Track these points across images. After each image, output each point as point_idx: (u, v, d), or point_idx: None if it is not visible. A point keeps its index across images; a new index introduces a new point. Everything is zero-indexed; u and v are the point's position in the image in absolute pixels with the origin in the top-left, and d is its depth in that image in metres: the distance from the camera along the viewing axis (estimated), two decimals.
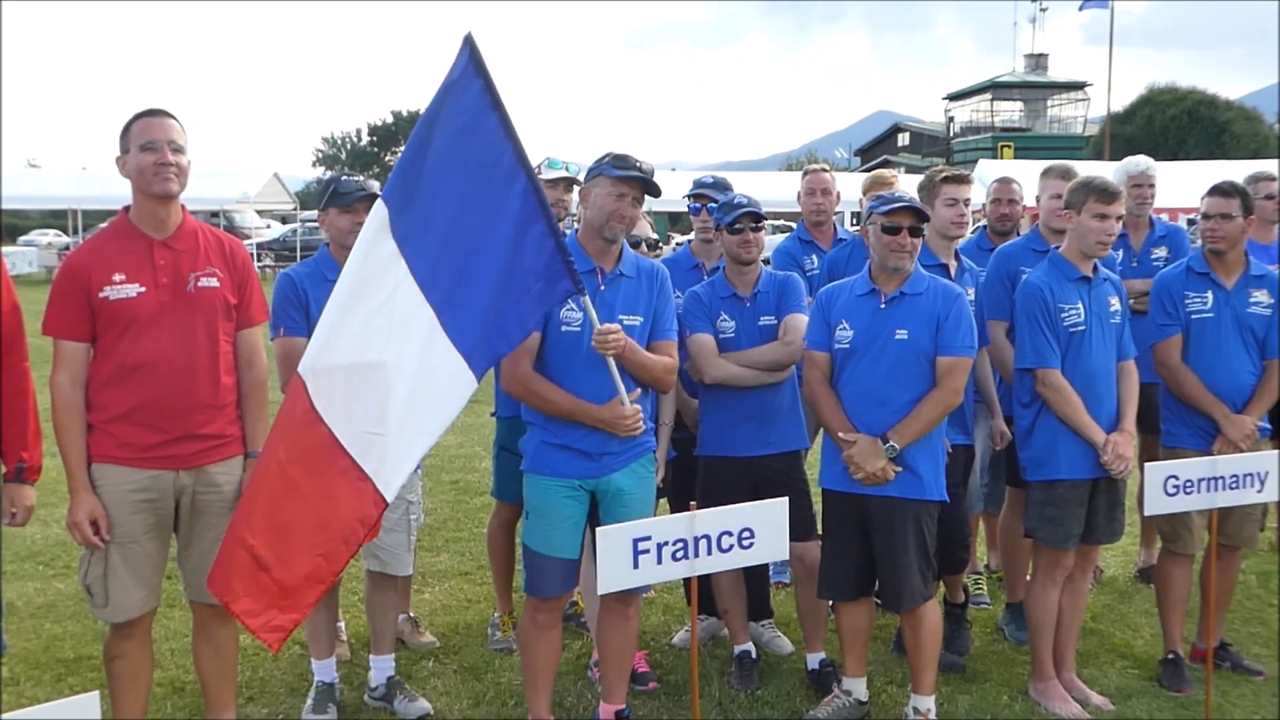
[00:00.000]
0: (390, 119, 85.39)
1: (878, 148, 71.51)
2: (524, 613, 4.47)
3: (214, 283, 4.07)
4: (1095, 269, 4.90)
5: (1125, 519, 5.07)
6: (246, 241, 32.56)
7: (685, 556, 3.75)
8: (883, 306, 4.51)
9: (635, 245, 5.06)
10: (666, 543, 3.71)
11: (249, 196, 33.96)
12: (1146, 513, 4.70)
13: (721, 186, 5.47)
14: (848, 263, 5.74)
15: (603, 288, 4.31)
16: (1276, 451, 4.83)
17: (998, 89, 57.92)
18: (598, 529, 3.67)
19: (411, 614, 5.70)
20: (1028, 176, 7.05)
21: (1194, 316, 5.14)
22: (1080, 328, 4.79)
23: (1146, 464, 4.67)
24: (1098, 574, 6.63)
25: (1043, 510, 4.87)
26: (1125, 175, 6.34)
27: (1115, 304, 4.91)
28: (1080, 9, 37.18)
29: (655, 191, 4.32)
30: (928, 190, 5.29)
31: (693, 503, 3.84)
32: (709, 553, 3.78)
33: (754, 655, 5.24)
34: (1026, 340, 4.83)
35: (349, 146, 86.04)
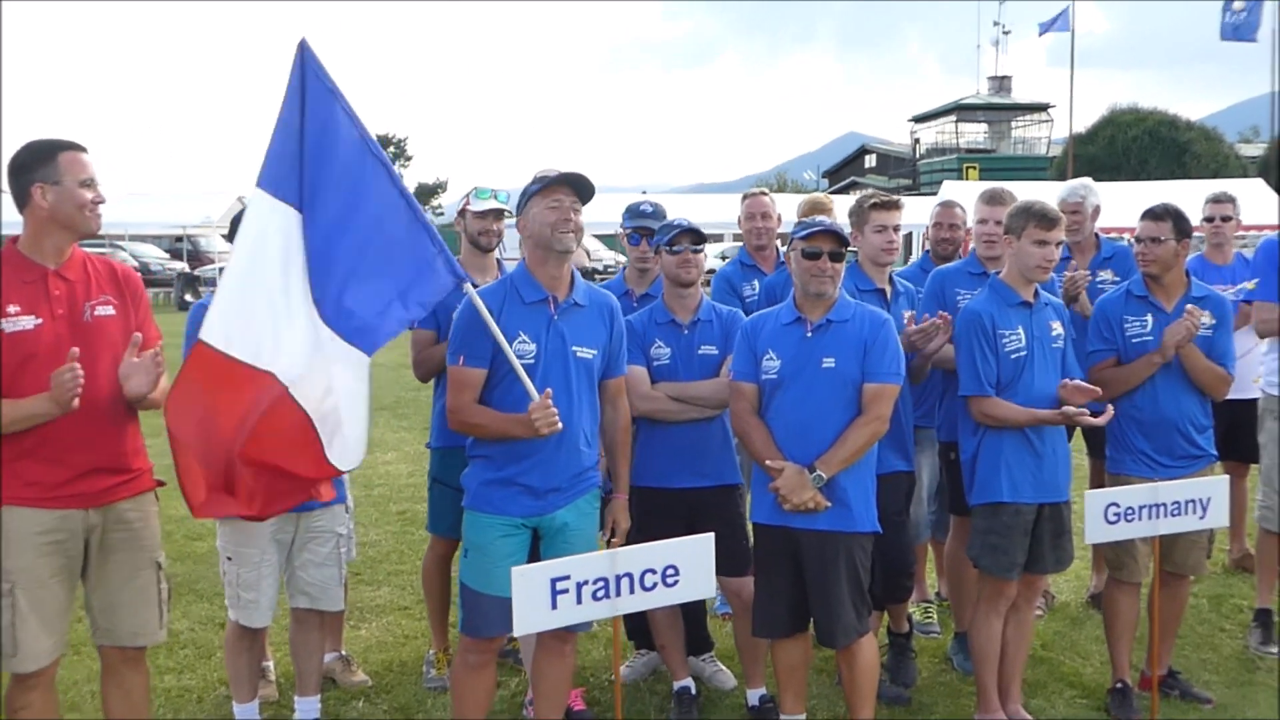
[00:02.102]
0: None
1: (845, 169, 71.90)
2: (458, 653, 4.34)
3: (110, 310, 3.95)
4: (1036, 294, 4.82)
5: (1073, 548, 4.98)
6: (209, 267, 32.33)
7: (606, 596, 3.62)
8: (809, 335, 4.41)
9: None
10: (586, 581, 3.59)
11: (211, 220, 33.68)
12: (1087, 541, 4.62)
13: (659, 214, 5.37)
14: (786, 287, 5.63)
15: (556, 316, 4.20)
16: (1218, 479, 4.76)
17: (962, 111, 58.38)
18: (513, 569, 3.54)
19: (344, 651, 5.53)
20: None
21: (1134, 340, 5.06)
22: (1022, 354, 4.71)
23: (1087, 492, 4.60)
24: (1050, 600, 6.54)
25: (985, 538, 4.77)
26: (1059, 201, 6.30)
27: (1057, 329, 4.83)
28: (1040, 34, 37.49)
29: (588, 190, 4.21)
30: (857, 216, 5.21)
31: (614, 539, 3.72)
32: (631, 591, 3.66)
33: (693, 691, 5.10)
34: (966, 367, 4.74)
35: None
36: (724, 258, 36.25)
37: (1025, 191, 5.80)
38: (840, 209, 6.23)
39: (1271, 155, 37.85)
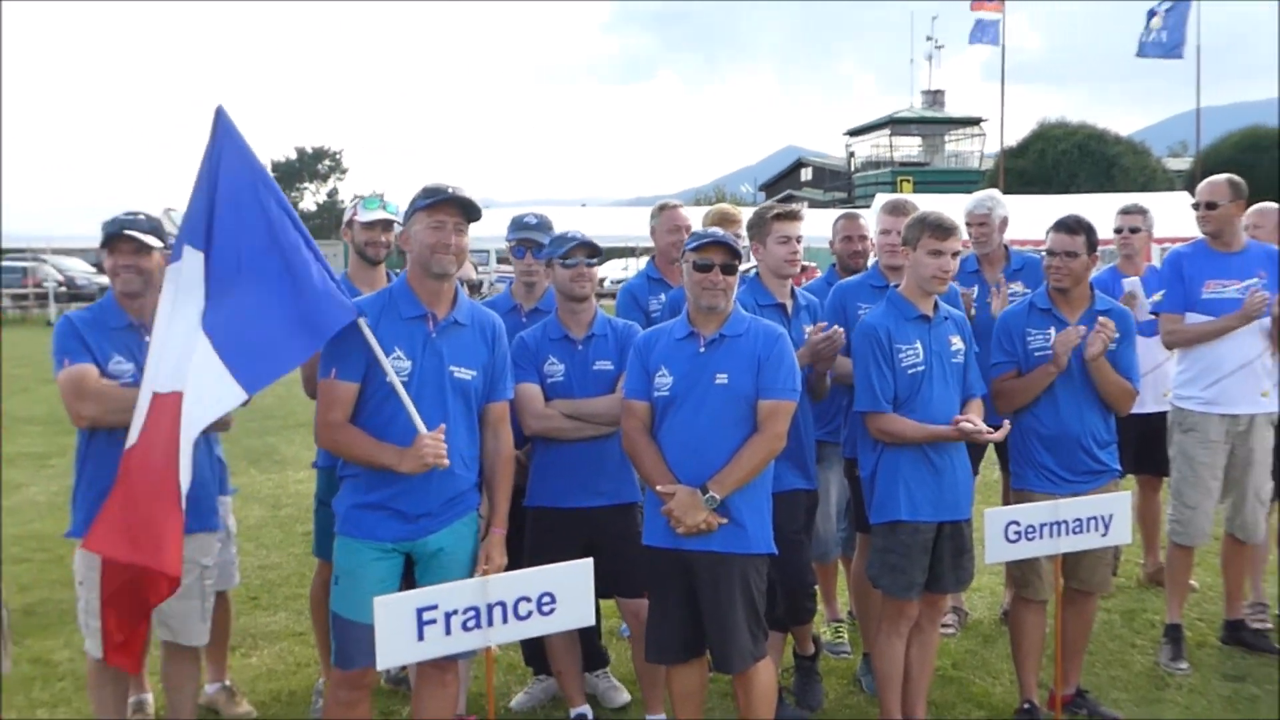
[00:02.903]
0: (294, 155, 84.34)
1: (781, 182, 72.23)
2: (329, 688, 4.14)
3: None
4: (936, 307, 4.72)
5: (973, 566, 4.88)
6: None
7: (478, 626, 3.45)
8: (702, 350, 4.26)
9: None
10: (456, 611, 3.42)
11: None
12: (988, 561, 4.52)
13: (545, 226, 5.21)
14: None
15: (434, 334, 4.04)
16: (1119, 495, 4.68)
17: (896, 124, 58.90)
18: (375, 599, 3.34)
19: (228, 682, 5.30)
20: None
21: (1036, 354, 4.98)
22: (920, 368, 4.61)
23: (987, 510, 4.50)
24: (963, 616, 6.45)
25: (885, 557, 4.66)
26: (966, 213, 6.24)
27: (957, 343, 4.73)
28: (970, 44, 37.85)
29: (474, 214, 4.06)
30: (759, 228, 5.07)
31: (484, 567, 3.54)
32: (505, 620, 3.49)
33: (590, 718, 4.93)
34: (862, 383, 4.63)
35: None
36: None
37: (958, 205, 5.70)
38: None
39: (1197, 169, 38.50)
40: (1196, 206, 5.87)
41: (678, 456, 4.22)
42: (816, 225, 6.01)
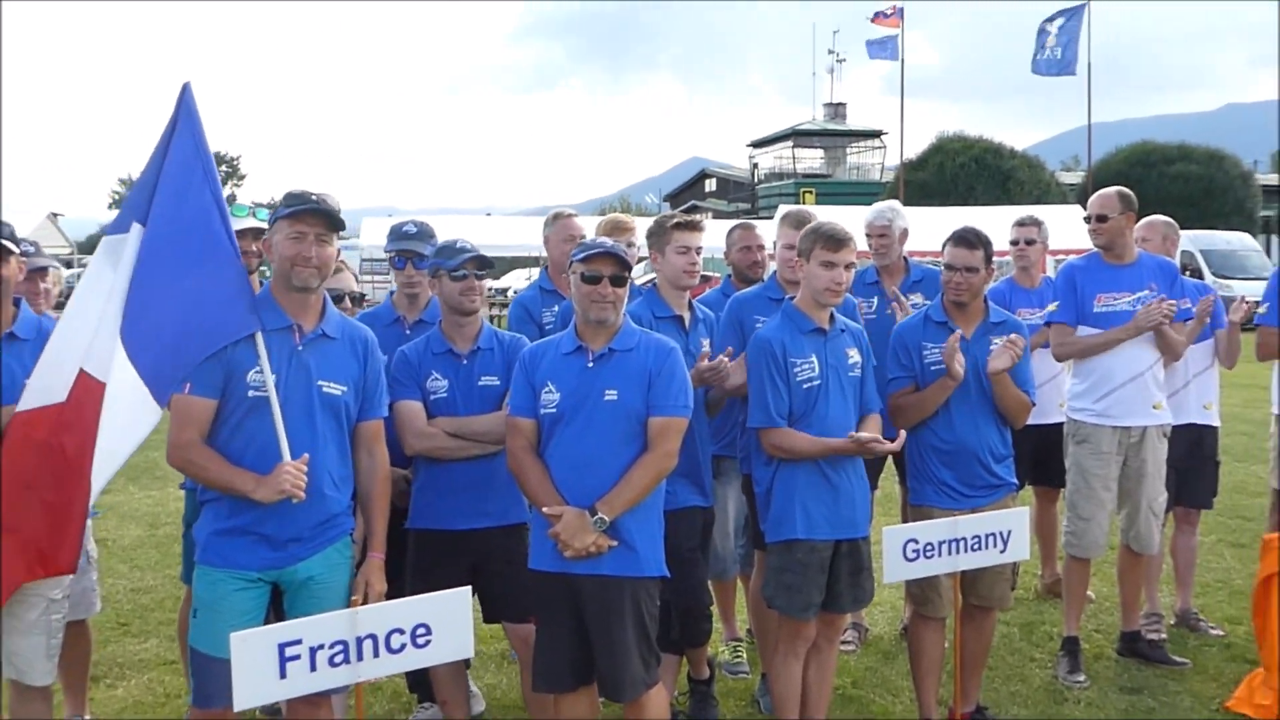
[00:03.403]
0: None
1: (686, 193, 72.46)
2: None
3: None
4: (832, 319, 4.60)
5: (873, 584, 4.77)
6: None
7: (346, 661, 3.22)
8: (590, 365, 4.08)
9: (338, 300, 4.54)
10: (322, 646, 3.19)
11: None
12: (886, 580, 4.41)
13: (425, 235, 4.99)
14: None
15: (300, 348, 3.82)
16: (1017, 510, 4.61)
17: (799, 136, 59.38)
18: (232, 635, 3.10)
19: (87, 717, 4.97)
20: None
21: (933, 368, 4.89)
22: (815, 383, 4.48)
23: (885, 529, 4.39)
24: (863, 633, 6.36)
25: (780, 577, 4.51)
26: (866, 224, 6.16)
27: (854, 356, 4.61)
28: (870, 58, 38.31)
29: (337, 225, 3.85)
30: (658, 237, 4.92)
31: (355, 598, 3.31)
32: (376, 654, 3.26)
33: None
34: (756, 398, 4.49)
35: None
36: None
37: (860, 217, 5.62)
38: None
39: (1088, 183, 39.40)
40: (1088, 219, 5.85)
41: (565, 476, 4.03)
42: (720, 236, 5.89)
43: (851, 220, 5.55)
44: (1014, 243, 6.85)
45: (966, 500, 4.88)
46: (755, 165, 62.12)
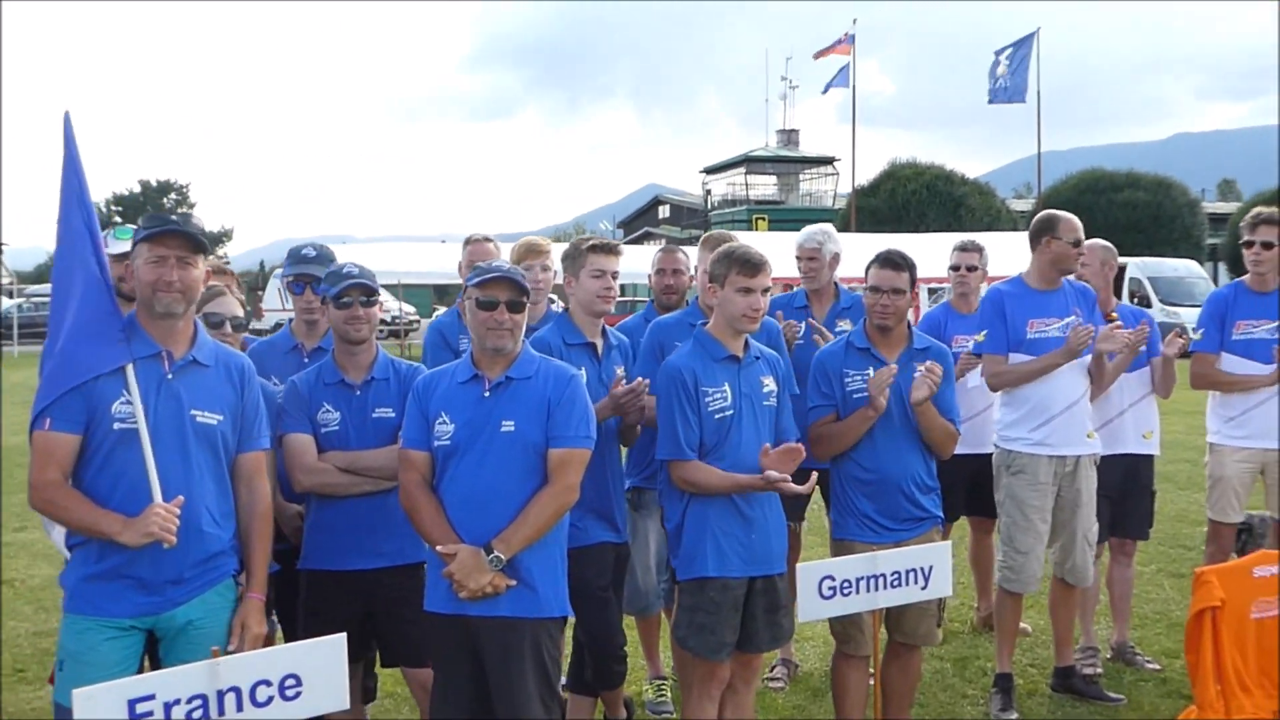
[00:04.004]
0: (138, 188, 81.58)
1: (639, 220, 72.53)
2: None
3: None
4: (746, 346, 4.42)
5: (791, 622, 4.58)
6: None
7: (206, 717, 2.97)
8: (486, 394, 3.88)
9: (218, 325, 4.32)
10: (179, 701, 2.94)
11: None
12: (801, 619, 4.22)
13: (325, 259, 4.78)
14: None
15: (170, 376, 3.59)
16: (939, 545, 4.44)
17: (751, 163, 59.63)
18: (75, 691, 2.85)
19: None
20: (780, 249, 6.74)
21: (855, 396, 4.72)
22: (728, 413, 4.30)
23: (799, 565, 4.19)
24: (792, 669, 6.15)
25: (692, 616, 4.32)
26: (797, 246, 6.00)
27: (769, 384, 4.43)
28: (824, 92, 38.57)
29: (200, 246, 3.63)
30: (573, 260, 4.74)
31: (215, 648, 3.07)
32: (240, 709, 3.02)
33: None
34: (665, 428, 4.30)
35: (102, 214, 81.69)
36: None
37: None
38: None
39: (1038, 209, 39.75)
40: (1076, 245, 5.67)
41: (460, 513, 3.82)
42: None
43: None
44: (954, 268, 6.72)
45: (889, 534, 4.72)
46: (709, 191, 62.26)
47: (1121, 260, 34.38)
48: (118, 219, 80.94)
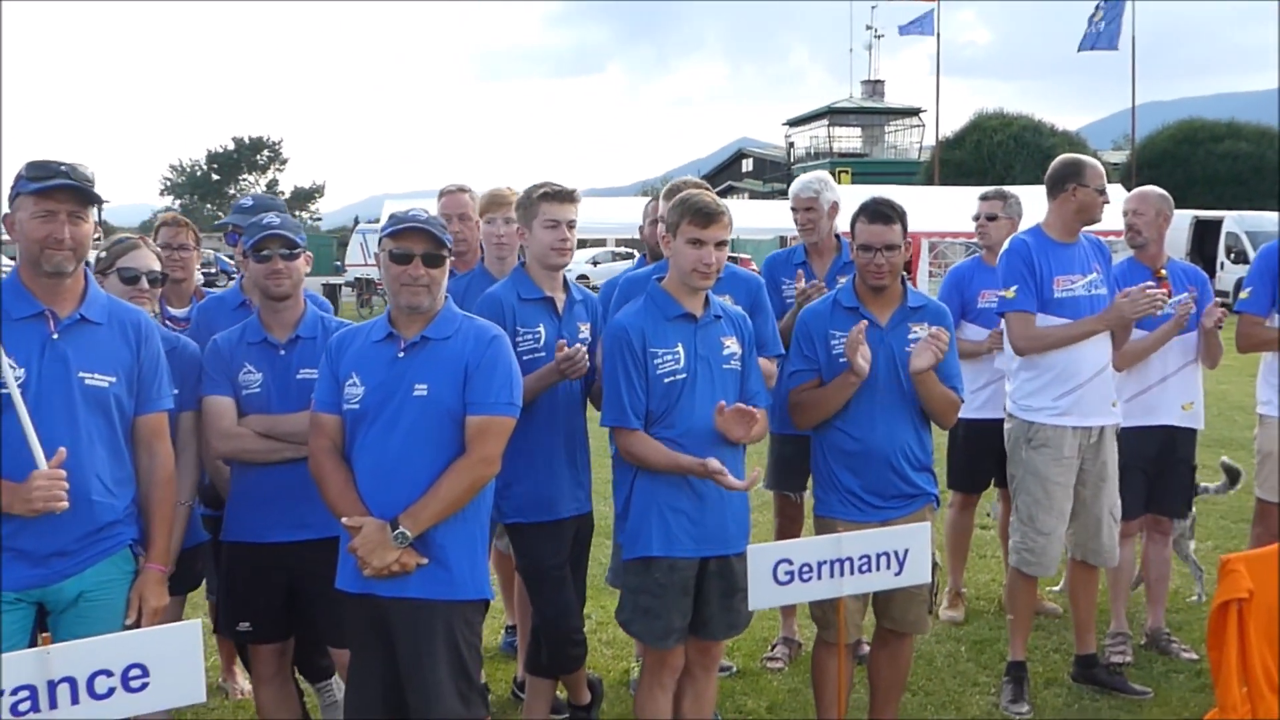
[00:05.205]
0: (232, 145, 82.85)
1: (723, 174, 71.65)
2: None
3: None
4: (707, 303, 4.01)
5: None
6: None
7: (35, 710, 2.69)
8: (400, 355, 3.53)
9: (133, 280, 4.03)
10: (1, 693, 2.64)
11: None
12: (751, 606, 3.81)
13: (263, 207, 4.46)
14: (464, 295, 4.76)
15: (55, 336, 3.33)
16: (915, 526, 4.00)
17: (834, 115, 58.42)
18: None
19: None
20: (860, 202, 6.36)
21: (840, 360, 4.26)
22: (680, 376, 3.89)
23: (751, 547, 3.79)
24: (794, 649, 5.75)
25: (636, 599, 3.94)
26: (791, 196, 5.53)
27: (731, 345, 4.01)
28: (900, 34, 37.47)
29: (91, 199, 3.33)
30: (525, 209, 4.35)
31: (44, 635, 2.78)
32: (75, 701, 2.73)
33: None
34: (610, 393, 3.92)
35: (198, 174, 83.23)
36: (595, 263, 35.30)
37: (896, 196, 4.91)
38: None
39: (1133, 161, 38.27)
40: (1101, 192, 5.15)
41: (369, 483, 3.50)
42: (755, 216, 5.39)
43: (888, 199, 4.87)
44: (975, 218, 6.23)
45: (876, 512, 4.29)
46: (791, 144, 61.19)
47: (1219, 214, 33.14)
48: (215, 177, 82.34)
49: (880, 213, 4.31)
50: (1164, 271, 5.59)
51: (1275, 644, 4.50)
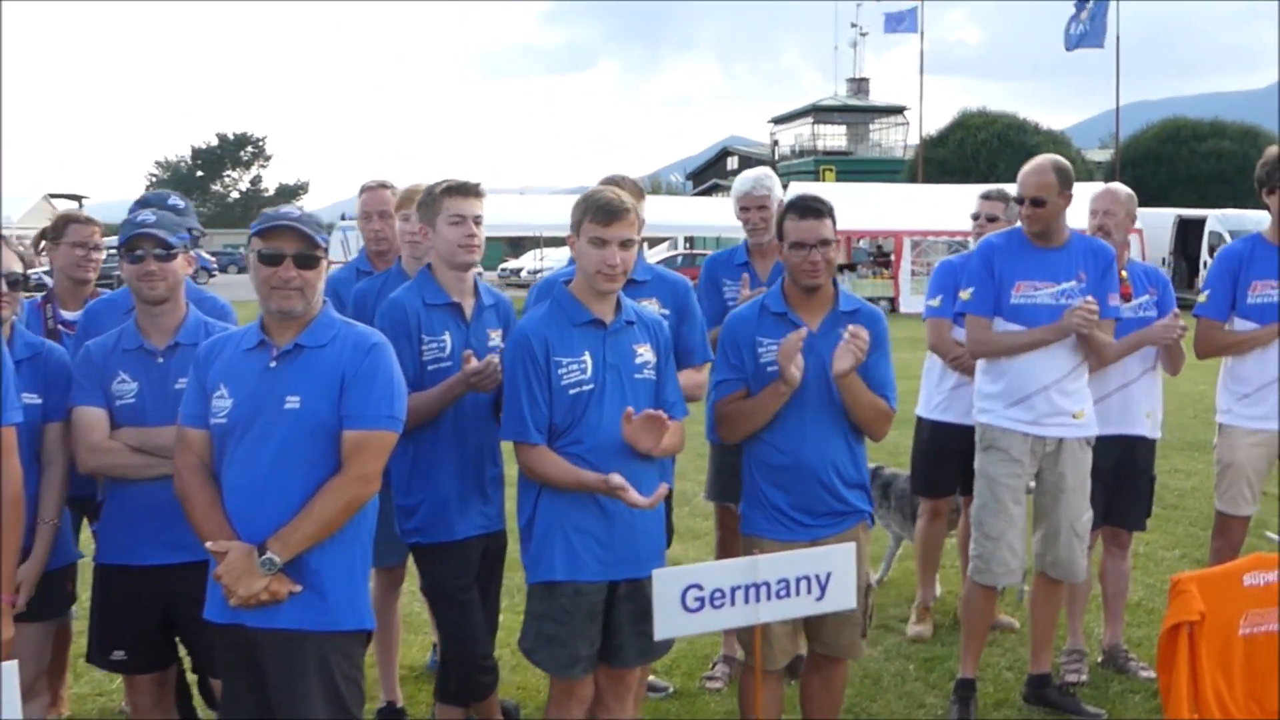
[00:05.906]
0: (215, 141, 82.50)
1: (708, 171, 71.54)
2: None
3: None
4: (619, 308, 3.74)
5: None
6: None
7: None
8: (272, 364, 3.25)
9: None
10: None
11: (12, 221, 31.22)
12: (658, 637, 3.53)
13: (161, 201, 4.18)
14: (378, 295, 4.48)
15: None
16: (840, 547, 3.73)
17: (819, 113, 58.24)
18: None
19: None
20: (847, 200, 6.01)
21: (769, 369, 4.00)
22: (587, 387, 3.62)
23: (656, 572, 3.51)
24: (734, 668, 5.46)
25: (540, 626, 3.67)
26: (741, 194, 5.27)
27: (645, 353, 3.74)
28: (885, 32, 37.28)
29: None
30: (428, 207, 4.06)
31: None
32: None
33: None
34: (510, 405, 3.64)
35: (183, 169, 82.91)
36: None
37: (879, 194, 4.61)
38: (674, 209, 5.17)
39: (1116, 160, 38.07)
40: (1020, 201, 4.90)
41: (237, 503, 3.22)
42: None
43: (872, 197, 4.59)
44: (974, 217, 5.98)
45: (804, 530, 4.02)
46: (776, 142, 60.98)
47: (1203, 212, 33.02)
48: (200, 173, 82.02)
49: (810, 208, 4.04)
50: (1125, 273, 5.34)
51: (1228, 667, 4.27)
